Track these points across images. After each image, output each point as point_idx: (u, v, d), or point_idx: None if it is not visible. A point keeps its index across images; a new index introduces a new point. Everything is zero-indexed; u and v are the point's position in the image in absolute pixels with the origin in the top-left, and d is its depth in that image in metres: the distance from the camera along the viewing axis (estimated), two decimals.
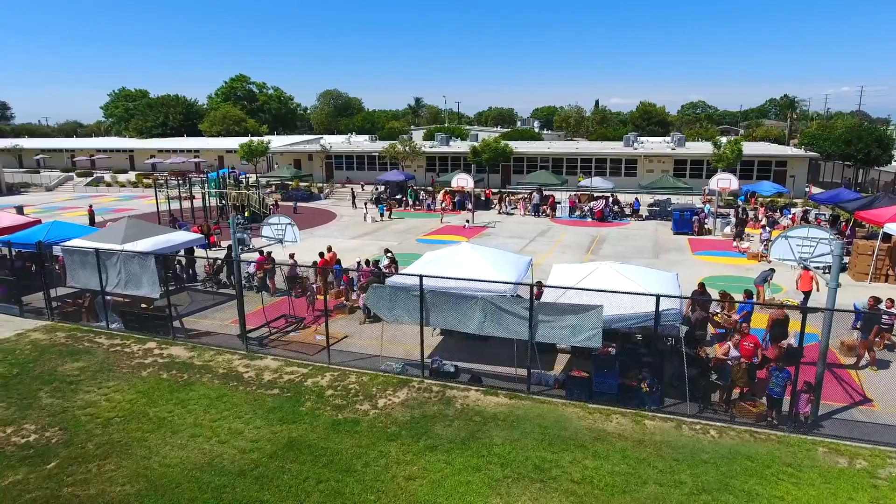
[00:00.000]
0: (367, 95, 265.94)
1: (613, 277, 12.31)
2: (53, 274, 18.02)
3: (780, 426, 10.47)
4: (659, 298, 10.74)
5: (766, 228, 26.02)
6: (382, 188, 44.14)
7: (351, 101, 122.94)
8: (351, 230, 31.90)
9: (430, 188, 43.77)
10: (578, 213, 35.61)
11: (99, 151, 73.10)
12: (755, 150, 45.27)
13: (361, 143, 64.74)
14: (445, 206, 37.94)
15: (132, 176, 60.48)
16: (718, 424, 10.61)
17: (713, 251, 25.59)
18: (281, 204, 40.02)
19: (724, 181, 29.69)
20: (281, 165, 55.82)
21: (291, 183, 47.39)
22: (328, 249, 19.79)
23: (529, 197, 37.72)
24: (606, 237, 29.40)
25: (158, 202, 33.41)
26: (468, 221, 33.19)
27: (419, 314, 12.34)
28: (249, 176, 41.90)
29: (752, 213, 32.90)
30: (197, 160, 63.39)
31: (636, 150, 47.28)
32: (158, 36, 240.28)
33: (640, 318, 11.23)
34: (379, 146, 54.84)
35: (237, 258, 14.70)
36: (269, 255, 19.13)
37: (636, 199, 36.53)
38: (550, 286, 12.65)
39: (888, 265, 19.93)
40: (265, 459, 9.63)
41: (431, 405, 11.44)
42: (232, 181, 37.62)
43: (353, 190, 43.46)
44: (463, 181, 34.41)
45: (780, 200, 36.91)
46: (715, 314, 14.24)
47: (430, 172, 50.31)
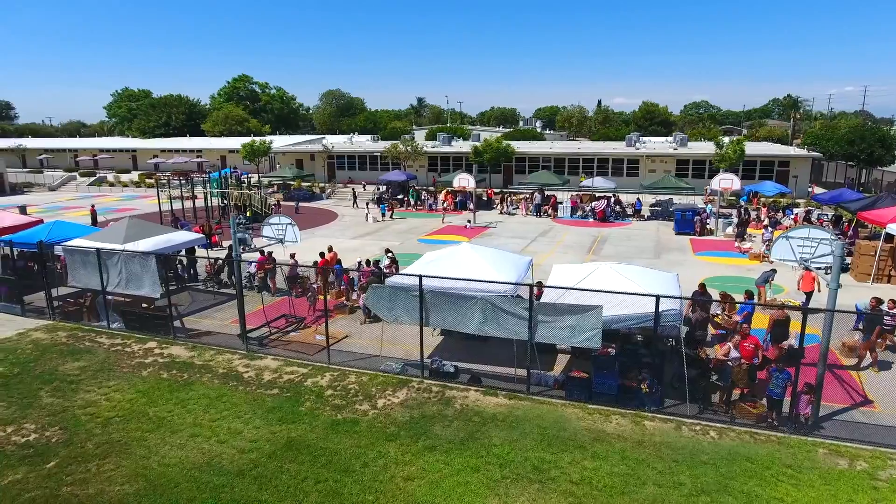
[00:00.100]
0: (369, 95, 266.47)
1: (613, 278, 12.28)
2: (55, 273, 18.07)
3: (780, 427, 10.44)
4: (658, 299, 10.72)
5: (768, 229, 25.96)
6: (384, 188, 44.17)
7: (353, 101, 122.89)
8: (352, 230, 31.92)
9: (431, 188, 43.78)
10: (580, 213, 35.54)
11: (102, 151, 73.39)
12: (758, 150, 45.14)
13: (363, 143, 64.80)
14: (447, 206, 37.93)
15: (135, 176, 60.67)
16: (718, 425, 10.57)
17: (715, 251, 25.51)
18: (283, 204, 40.06)
19: (725, 181, 29.63)
20: (283, 165, 55.94)
21: (293, 183, 47.45)
22: (329, 249, 19.81)
23: (531, 197, 37.66)
24: (608, 237, 29.35)
25: (160, 202, 33.48)
26: (469, 221, 33.18)
27: (419, 314, 12.35)
28: (251, 176, 41.95)
29: (754, 213, 32.82)
30: (199, 160, 63.50)
31: (638, 150, 47.19)
32: (162, 36, 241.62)
33: (639, 318, 11.21)
34: (381, 146, 54.86)
35: (237, 258, 14.72)
36: (269, 254, 19.14)
37: (637, 199, 36.46)
38: (550, 286, 12.63)
39: (890, 266, 19.85)
40: (264, 459, 9.63)
41: (431, 405, 11.44)
42: (234, 181, 37.68)
43: (354, 190, 43.47)
44: (464, 181, 34.37)
45: (782, 201, 36.81)
46: (715, 315, 14.18)
47: (431, 172, 50.31)
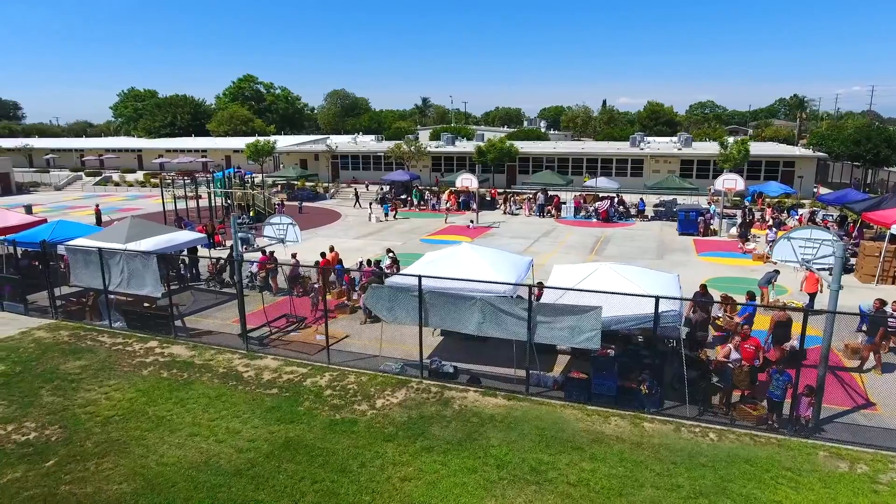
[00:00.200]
0: (374, 96, 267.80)
1: (613, 278, 12.23)
2: (58, 273, 18.17)
3: (780, 429, 10.36)
4: (658, 300, 10.66)
5: (772, 229, 25.81)
6: (387, 188, 44.20)
7: (358, 101, 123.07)
8: (355, 230, 31.95)
9: (435, 188, 43.76)
10: (583, 213, 35.46)
11: (108, 151, 73.76)
12: (763, 150, 44.87)
13: (367, 143, 64.88)
14: (450, 206, 37.91)
15: (140, 175, 61.01)
16: (718, 427, 10.51)
17: (718, 252, 25.38)
18: (287, 204, 40.16)
19: (729, 182, 29.50)
20: (287, 165, 56.05)
21: (297, 183, 47.54)
22: (330, 249, 19.83)
23: (534, 197, 37.61)
24: (611, 238, 29.25)
25: (165, 202, 33.62)
26: (472, 222, 33.16)
27: (418, 315, 12.33)
28: (256, 176, 42.06)
29: (758, 213, 32.63)
30: (204, 160, 63.73)
31: (642, 150, 47.04)
32: (167, 36, 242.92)
33: (639, 319, 11.16)
34: (385, 146, 54.91)
35: (238, 258, 14.74)
36: (271, 254, 19.18)
37: (641, 199, 36.32)
38: (550, 287, 12.60)
39: (895, 267, 19.69)
40: (261, 459, 9.64)
41: (429, 406, 11.42)
42: (237, 181, 37.79)
43: (356, 189, 43.51)
44: (467, 181, 34.36)
45: (787, 201, 36.60)
46: (717, 318, 14.10)
47: (435, 172, 50.35)
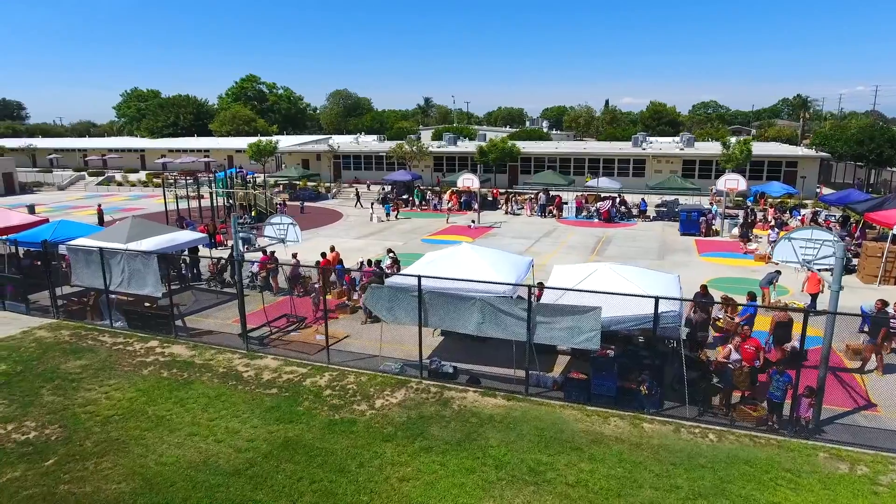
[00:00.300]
0: (376, 96, 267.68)
1: (613, 279, 12.21)
2: (59, 272, 18.20)
3: (780, 431, 10.33)
4: (657, 300, 10.64)
5: (774, 230, 25.74)
6: (389, 188, 44.20)
7: (360, 101, 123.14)
8: (357, 230, 31.96)
9: (436, 188, 43.75)
10: (585, 213, 35.41)
11: (111, 151, 73.85)
12: (765, 150, 44.75)
13: (369, 143, 64.88)
14: (452, 206, 37.90)
15: (143, 175, 61.13)
16: (718, 428, 10.47)
17: (720, 252, 25.32)
18: (288, 203, 40.19)
19: (731, 182, 29.42)
20: (289, 165, 56.09)
21: (299, 182, 47.58)
22: (331, 249, 19.84)
23: (536, 197, 37.57)
24: (612, 238, 29.20)
25: (167, 201, 33.69)
26: (474, 222, 33.13)
27: (418, 315, 12.32)
28: (258, 175, 42.09)
29: (760, 214, 32.54)
30: (207, 160, 63.79)
31: (644, 150, 46.95)
32: (167, 36, 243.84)
33: (638, 320, 11.13)
34: (386, 146, 54.92)
35: (239, 257, 14.76)
36: (272, 254, 19.19)
37: (643, 199, 36.24)
38: (550, 287, 12.58)
39: None
40: (260, 459, 9.65)
41: (429, 406, 11.41)
42: (239, 181, 37.83)
43: (357, 189, 43.52)
44: (468, 181, 34.34)
45: (789, 201, 36.49)
46: (717, 319, 14.05)
47: (437, 172, 50.32)
